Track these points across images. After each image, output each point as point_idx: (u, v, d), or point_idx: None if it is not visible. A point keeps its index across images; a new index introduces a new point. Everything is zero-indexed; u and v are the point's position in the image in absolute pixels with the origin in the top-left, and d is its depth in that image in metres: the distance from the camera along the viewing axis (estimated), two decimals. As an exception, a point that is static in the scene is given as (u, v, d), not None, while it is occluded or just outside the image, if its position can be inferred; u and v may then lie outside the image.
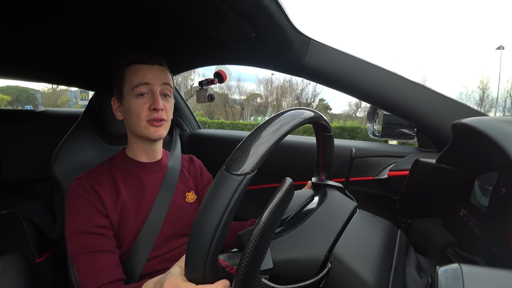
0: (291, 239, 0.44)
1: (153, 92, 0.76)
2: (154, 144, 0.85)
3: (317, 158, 0.63)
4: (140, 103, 0.76)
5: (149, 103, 0.76)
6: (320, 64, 0.79)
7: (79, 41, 1.02)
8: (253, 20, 0.72)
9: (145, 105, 0.76)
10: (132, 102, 0.76)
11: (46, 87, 26.96)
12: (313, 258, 0.41)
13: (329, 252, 0.42)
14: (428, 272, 0.48)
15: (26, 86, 27.34)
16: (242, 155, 0.36)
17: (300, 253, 0.42)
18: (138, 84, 0.75)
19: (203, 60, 1.17)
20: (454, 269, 0.25)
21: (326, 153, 0.61)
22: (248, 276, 0.33)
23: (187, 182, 0.91)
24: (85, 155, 0.97)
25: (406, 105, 0.76)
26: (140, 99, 0.76)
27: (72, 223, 0.71)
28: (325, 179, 0.64)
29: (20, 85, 28.90)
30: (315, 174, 0.65)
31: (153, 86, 0.76)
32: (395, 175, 0.82)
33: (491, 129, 0.40)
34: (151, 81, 0.76)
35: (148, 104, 0.76)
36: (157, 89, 0.77)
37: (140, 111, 0.76)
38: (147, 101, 0.76)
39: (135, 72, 0.76)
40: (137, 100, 0.76)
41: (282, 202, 0.33)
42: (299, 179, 1.07)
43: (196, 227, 0.33)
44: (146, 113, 0.76)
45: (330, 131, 0.58)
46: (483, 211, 0.49)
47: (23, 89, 29.74)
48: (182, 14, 0.74)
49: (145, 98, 0.76)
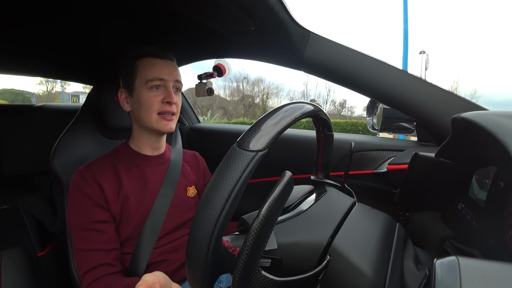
0: (294, 224, 0.44)
1: (167, 87, 0.78)
2: (160, 138, 0.86)
3: (316, 157, 0.63)
4: (153, 95, 0.77)
5: (162, 96, 0.78)
6: (320, 57, 0.79)
7: (77, 35, 1.01)
8: (253, 13, 0.71)
9: (158, 97, 0.77)
10: (145, 94, 0.77)
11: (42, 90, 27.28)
12: (316, 242, 0.42)
13: (331, 238, 0.43)
14: (426, 264, 0.48)
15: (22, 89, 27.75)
16: (255, 134, 0.36)
17: (303, 237, 0.43)
18: (153, 78, 0.77)
19: (202, 53, 1.16)
20: (451, 261, 0.25)
21: (325, 153, 0.62)
22: (248, 271, 0.33)
23: (189, 176, 0.92)
24: (84, 149, 0.97)
25: (406, 99, 0.75)
26: (153, 91, 0.77)
27: (72, 217, 0.73)
28: (323, 178, 0.65)
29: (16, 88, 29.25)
30: (313, 173, 0.66)
31: (167, 82, 0.78)
32: (394, 168, 0.83)
33: (491, 123, 0.40)
34: (166, 77, 0.78)
35: (162, 97, 0.78)
36: (170, 84, 0.79)
37: (153, 103, 0.77)
38: (161, 94, 0.78)
39: (149, 66, 0.77)
40: (150, 92, 0.77)
41: (283, 194, 0.33)
42: (299, 172, 1.08)
43: (205, 199, 0.33)
44: (158, 105, 0.78)
45: (331, 129, 0.58)
46: (481, 204, 0.49)
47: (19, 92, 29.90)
48: (181, 7, 0.73)
49: (158, 91, 0.78)
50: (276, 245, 0.40)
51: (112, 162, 0.80)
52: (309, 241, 0.42)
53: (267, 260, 0.40)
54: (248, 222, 0.41)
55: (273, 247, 0.40)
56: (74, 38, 1.04)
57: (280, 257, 0.41)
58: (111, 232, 0.74)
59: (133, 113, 0.82)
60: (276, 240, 0.41)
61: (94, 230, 0.71)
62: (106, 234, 0.72)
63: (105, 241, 0.72)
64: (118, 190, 0.76)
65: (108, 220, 0.74)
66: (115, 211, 0.75)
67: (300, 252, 0.42)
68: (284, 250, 0.41)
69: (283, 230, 0.43)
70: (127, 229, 0.76)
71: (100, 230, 0.72)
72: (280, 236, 0.42)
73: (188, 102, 1.60)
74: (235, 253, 0.38)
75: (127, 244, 0.76)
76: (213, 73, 1.12)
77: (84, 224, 0.71)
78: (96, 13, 0.89)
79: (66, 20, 0.91)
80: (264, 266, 0.40)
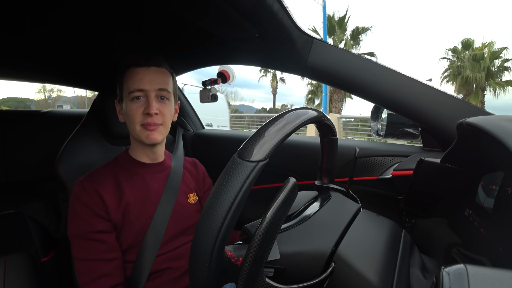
0: (298, 233, 0.44)
1: (147, 97, 0.76)
2: (153, 147, 0.84)
3: (320, 162, 0.63)
4: (135, 107, 0.75)
5: (143, 107, 0.75)
6: (324, 63, 0.79)
7: (83, 43, 1.03)
8: (256, 20, 0.72)
9: (139, 109, 0.75)
10: (128, 106, 0.76)
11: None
12: (320, 252, 0.42)
13: (335, 247, 0.42)
14: (433, 272, 0.47)
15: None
16: (255, 144, 0.36)
17: (307, 246, 0.42)
18: (133, 90, 0.75)
19: (206, 60, 1.17)
20: (459, 269, 0.24)
21: (330, 158, 0.62)
22: (251, 280, 0.33)
23: (189, 183, 0.92)
24: (89, 155, 0.98)
25: (410, 104, 0.75)
26: (135, 103, 0.76)
27: (72, 226, 0.73)
28: (327, 183, 0.64)
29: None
30: (317, 178, 0.65)
31: (148, 92, 0.75)
32: (399, 174, 0.82)
33: (497, 128, 0.40)
34: (145, 86, 0.75)
35: (142, 108, 0.75)
36: (151, 94, 0.76)
37: (134, 115, 0.75)
38: (142, 105, 0.76)
39: (131, 76, 0.76)
40: (132, 104, 0.76)
41: (286, 201, 0.33)
42: (303, 179, 1.07)
43: (206, 211, 0.33)
44: (140, 117, 0.76)
45: (335, 134, 0.58)
46: (488, 211, 0.48)
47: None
48: (185, 15, 0.74)
49: (140, 102, 0.76)
50: (279, 255, 0.39)
51: (112, 171, 0.80)
52: (312, 250, 0.42)
53: (270, 269, 0.40)
54: (251, 231, 0.41)
55: (275, 258, 0.39)
56: (81, 46, 1.05)
57: (284, 266, 0.40)
58: (112, 242, 0.73)
59: (126, 124, 0.82)
60: (279, 250, 0.40)
61: (94, 240, 0.71)
62: (106, 243, 0.72)
63: (105, 251, 0.71)
64: (119, 198, 0.76)
65: (108, 230, 0.74)
66: (116, 219, 0.74)
67: (303, 261, 0.41)
68: (287, 259, 0.41)
69: (286, 238, 0.43)
70: (129, 237, 0.75)
71: (100, 240, 0.71)
72: (284, 245, 0.41)
73: (192, 107, 1.61)
74: (238, 263, 0.37)
75: (129, 252, 0.76)
76: (218, 79, 1.13)
77: (84, 234, 0.71)
78: (104, 22, 0.90)
79: (74, 28, 0.93)
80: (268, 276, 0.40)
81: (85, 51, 1.10)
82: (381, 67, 0.76)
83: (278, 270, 0.40)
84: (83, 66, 1.25)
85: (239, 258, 0.38)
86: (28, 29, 0.90)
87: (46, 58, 1.16)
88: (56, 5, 0.78)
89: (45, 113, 1.54)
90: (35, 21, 0.86)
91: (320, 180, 0.65)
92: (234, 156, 0.36)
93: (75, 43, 1.03)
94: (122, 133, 1.01)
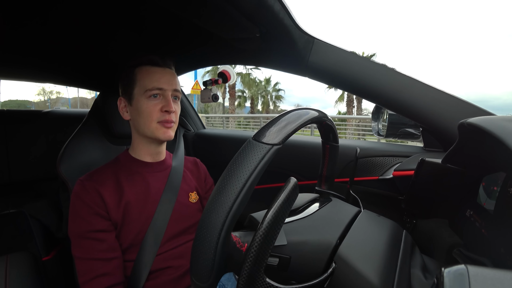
0: (304, 224, 0.45)
1: (165, 96, 0.78)
2: (160, 145, 0.86)
3: (321, 168, 0.63)
4: (152, 104, 0.77)
5: (161, 105, 0.78)
6: (325, 63, 0.79)
7: (85, 42, 1.03)
8: (257, 20, 0.71)
9: (157, 106, 0.77)
10: (144, 103, 0.77)
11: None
12: (325, 243, 0.42)
13: (340, 240, 0.42)
14: (434, 273, 0.47)
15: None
16: (271, 129, 0.37)
17: (312, 236, 0.43)
18: (152, 88, 0.77)
19: (207, 60, 1.17)
20: (460, 270, 0.24)
21: (330, 165, 0.62)
22: (252, 276, 0.33)
23: (190, 182, 0.92)
24: (91, 155, 0.98)
25: (412, 104, 0.75)
26: (152, 100, 0.77)
27: (72, 225, 0.73)
28: (326, 189, 0.65)
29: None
30: (317, 184, 0.66)
31: (166, 91, 0.78)
32: (400, 175, 0.82)
33: (499, 129, 0.40)
34: (164, 86, 0.78)
35: (160, 106, 0.78)
36: (169, 93, 0.78)
37: (152, 112, 0.77)
38: (159, 102, 0.78)
39: (148, 75, 0.78)
40: (149, 101, 0.77)
41: (287, 200, 0.33)
42: (304, 178, 1.07)
43: (219, 188, 0.33)
44: (157, 114, 0.78)
45: (337, 140, 0.58)
46: (490, 212, 0.48)
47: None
48: (186, 14, 0.74)
49: (157, 100, 0.78)
50: (286, 241, 0.40)
51: (113, 170, 0.80)
52: (318, 241, 0.42)
53: (275, 258, 0.40)
54: (257, 219, 0.41)
55: (282, 243, 0.40)
56: (83, 46, 1.06)
57: (289, 255, 0.41)
58: (111, 241, 0.74)
59: (132, 121, 0.82)
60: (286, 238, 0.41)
61: (93, 239, 0.71)
62: (106, 243, 0.72)
63: (105, 250, 0.72)
64: (120, 197, 0.76)
65: (108, 229, 0.74)
66: (116, 219, 0.75)
67: (308, 251, 0.42)
68: (293, 248, 0.41)
69: (292, 229, 0.43)
70: (130, 236, 0.76)
71: (99, 239, 0.72)
72: (289, 235, 0.42)
73: (193, 107, 1.61)
74: (243, 249, 0.38)
75: (129, 251, 0.76)
76: (218, 79, 1.13)
77: (84, 232, 0.71)
78: (105, 21, 0.90)
79: (76, 28, 0.93)
80: (272, 266, 0.40)
81: (85, 50, 1.10)
82: (382, 67, 0.76)
83: (282, 260, 0.40)
84: (83, 65, 1.25)
85: (244, 244, 0.38)
86: (28, 28, 0.90)
87: (46, 57, 1.17)
88: (56, 5, 0.78)
89: (47, 113, 1.55)
90: (35, 21, 0.87)
91: (319, 187, 0.65)
92: (249, 139, 0.37)
93: (75, 43, 1.03)
94: (123, 132, 1.01)
